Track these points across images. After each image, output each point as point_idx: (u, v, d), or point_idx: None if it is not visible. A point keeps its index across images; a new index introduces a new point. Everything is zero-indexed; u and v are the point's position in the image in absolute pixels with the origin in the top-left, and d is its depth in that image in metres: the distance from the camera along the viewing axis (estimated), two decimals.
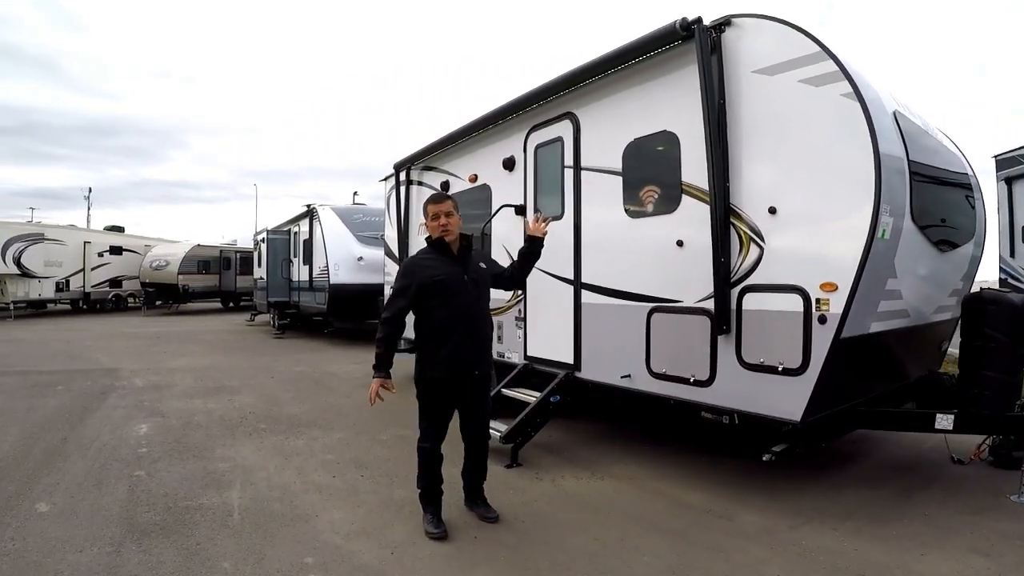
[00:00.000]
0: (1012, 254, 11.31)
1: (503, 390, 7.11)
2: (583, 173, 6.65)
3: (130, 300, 34.05)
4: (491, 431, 6.27)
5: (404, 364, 12.34)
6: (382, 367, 4.60)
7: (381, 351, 4.62)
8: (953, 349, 6.26)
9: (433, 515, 4.71)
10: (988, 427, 5.50)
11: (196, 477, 5.90)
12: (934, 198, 5.49)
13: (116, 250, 33.06)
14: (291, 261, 21.25)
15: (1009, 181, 11.50)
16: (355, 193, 20.96)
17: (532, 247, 5.05)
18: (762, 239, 4.86)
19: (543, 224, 5.12)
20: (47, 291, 28.85)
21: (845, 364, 4.77)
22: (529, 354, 7.50)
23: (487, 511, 4.95)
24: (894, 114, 4.90)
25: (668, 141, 5.65)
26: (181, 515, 4.98)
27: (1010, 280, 11.24)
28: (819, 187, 4.59)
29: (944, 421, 5.26)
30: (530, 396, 6.80)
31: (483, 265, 4.89)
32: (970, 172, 6.68)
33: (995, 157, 11.80)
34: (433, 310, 4.58)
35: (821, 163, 4.58)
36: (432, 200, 4.77)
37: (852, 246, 4.39)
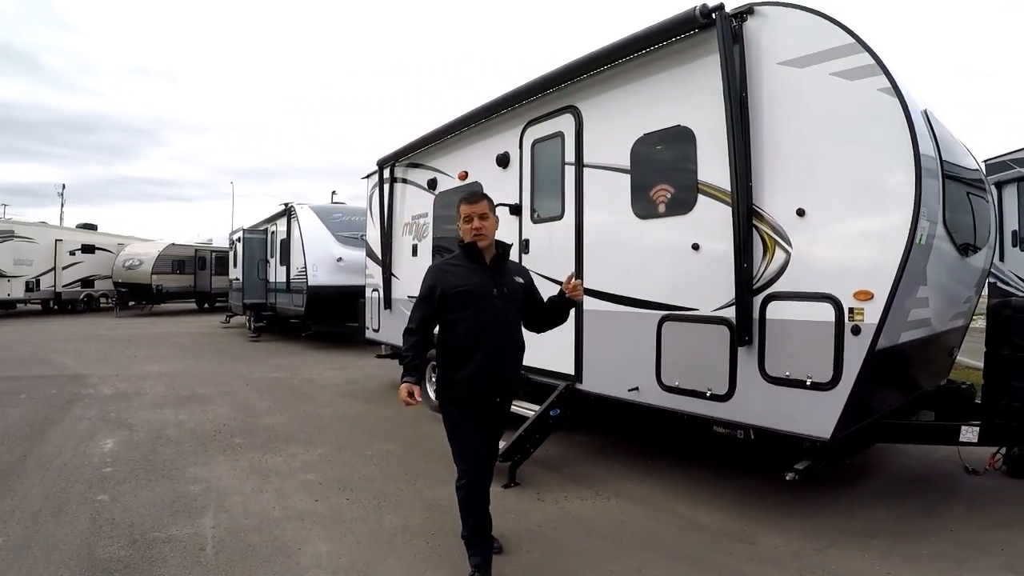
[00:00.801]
0: (1002, 258, 11.20)
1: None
2: (586, 170, 6.26)
3: (102, 300, 33.23)
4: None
5: (384, 370, 12.20)
6: (411, 372, 3.98)
7: (409, 357, 4.01)
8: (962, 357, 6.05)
9: (479, 567, 3.96)
10: (1016, 438, 5.26)
11: (165, 502, 5.40)
12: (959, 201, 5.24)
13: (88, 248, 32.30)
14: (268, 261, 20.74)
15: (999, 185, 11.43)
16: (333, 192, 20.75)
17: (563, 307, 4.32)
18: (788, 243, 4.53)
19: (579, 286, 4.17)
20: (16, 291, 28.14)
21: (876, 377, 4.49)
22: (525, 364, 7.05)
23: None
24: (924, 112, 4.61)
25: (683, 137, 5.28)
26: (148, 549, 4.50)
27: (999, 284, 11.11)
28: (853, 188, 4.27)
29: (969, 433, 5.04)
30: (527, 409, 6.46)
31: (519, 279, 4.24)
32: (983, 173, 6.45)
33: (985, 162, 11.69)
34: (455, 324, 3.98)
35: (856, 162, 4.26)
36: (465, 200, 4.16)
37: (890, 252, 4.08)
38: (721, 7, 4.75)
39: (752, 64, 4.72)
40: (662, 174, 5.55)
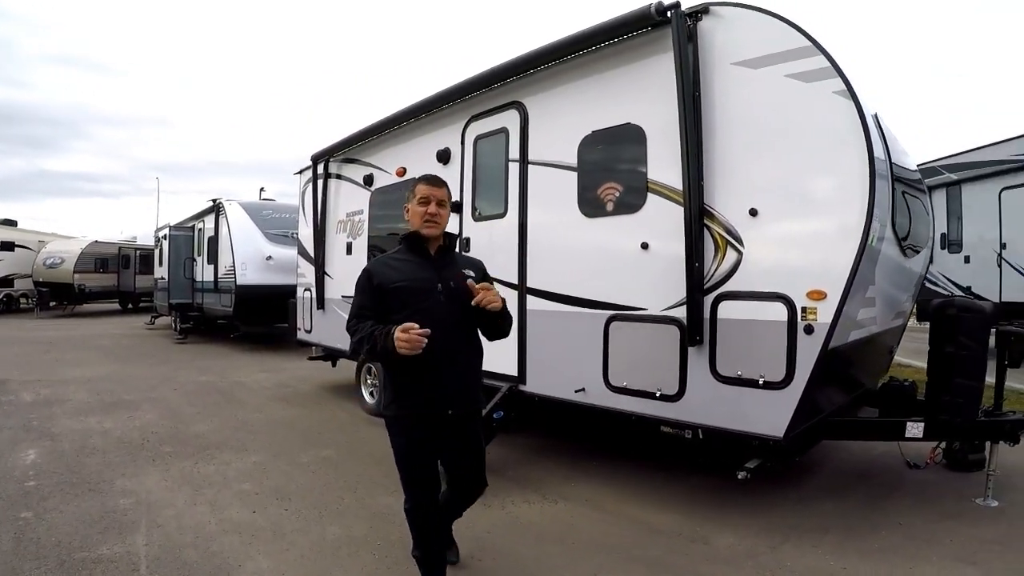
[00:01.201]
0: (931, 260, 11.57)
1: None
2: (531, 168, 6.15)
3: (22, 301, 31.84)
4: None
5: (317, 372, 11.97)
6: (376, 338, 3.22)
7: (361, 335, 3.32)
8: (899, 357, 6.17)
9: None
10: (960, 434, 5.40)
11: (93, 518, 5.06)
12: (902, 202, 5.31)
13: (7, 246, 31.02)
14: (195, 260, 20.06)
15: (928, 190, 11.80)
16: (262, 189, 20.25)
17: (483, 319, 3.53)
18: (740, 243, 4.52)
19: (487, 294, 3.35)
20: None
21: (827, 376, 4.52)
22: None
23: (448, 552, 4.07)
24: (875, 116, 4.67)
25: (633, 135, 5.23)
26: (77, 571, 4.17)
27: (926, 285, 11.45)
28: (807, 188, 4.30)
29: (914, 429, 5.12)
30: None
31: (469, 273, 3.55)
32: (920, 175, 6.59)
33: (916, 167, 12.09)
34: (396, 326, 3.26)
35: (809, 163, 4.29)
36: (427, 180, 3.63)
37: (844, 252, 4.11)
38: (677, 5, 4.71)
39: (706, 64, 4.69)
40: (610, 172, 5.49)
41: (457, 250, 4.00)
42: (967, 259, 13.55)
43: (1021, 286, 12.22)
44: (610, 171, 5.50)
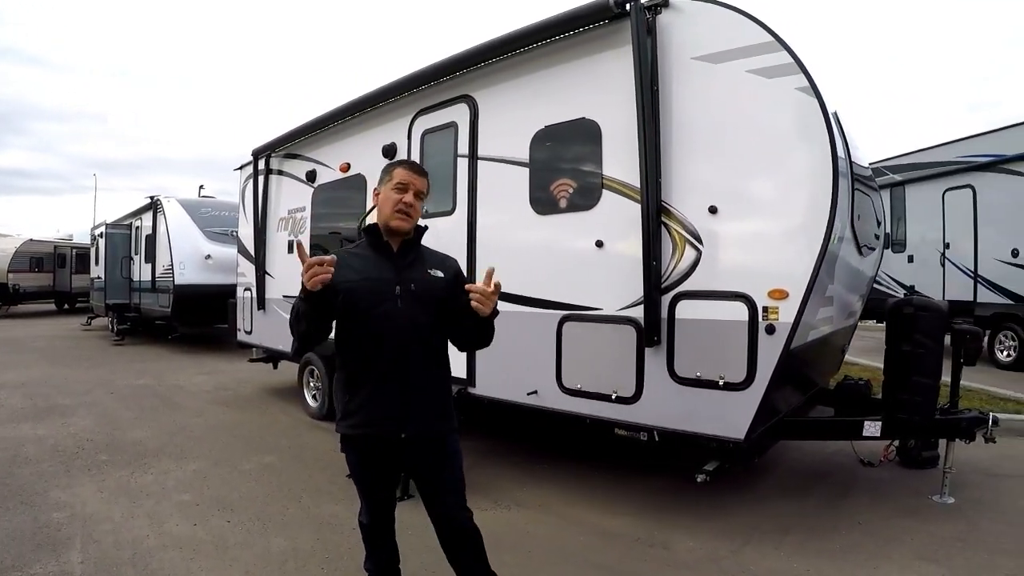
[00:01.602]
0: (881, 259, 11.83)
1: None
2: (480, 163, 5.98)
3: None
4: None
5: (258, 375, 11.66)
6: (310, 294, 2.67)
7: (299, 313, 2.79)
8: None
9: None
10: (917, 431, 5.44)
11: (26, 534, 4.74)
12: (859, 201, 5.29)
13: None
14: (132, 259, 19.41)
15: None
16: (201, 186, 19.63)
17: (473, 321, 2.94)
18: (699, 241, 4.42)
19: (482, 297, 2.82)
20: None
21: (788, 376, 4.46)
22: None
23: None
24: (835, 113, 4.62)
25: (588, 130, 5.10)
26: None
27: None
28: (769, 186, 4.25)
29: (872, 428, 5.14)
30: None
31: (438, 273, 3.11)
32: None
33: None
34: (348, 333, 3.00)
35: (771, 160, 4.24)
36: (408, 165, 3.16)
37: (806, 251, 4.07)
38: None
39: (665, 58, 4.59)
40: (564, 169, 5.36)
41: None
42: (910, 259, 13.87)
43: (963, 285, 12.50)
44: (564, 167, 5.36)
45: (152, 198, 17.23)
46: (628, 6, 4.61)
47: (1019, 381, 10.50)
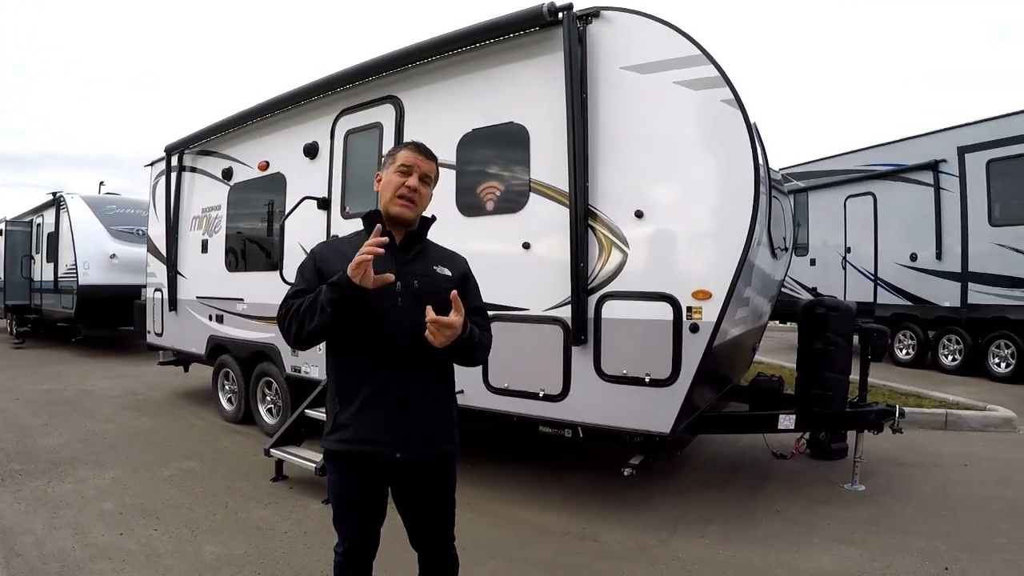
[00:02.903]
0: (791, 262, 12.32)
1: (308, 411, 6.27)
2: None
3: None
4: (310, 465, 5.57)
5: (167, 378, 11.36)
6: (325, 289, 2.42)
7: (305, 313, 2.47)
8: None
9: None
10: (830, 424, 5.74)
11: None
12: (773, 205, 5.54)
13: None
14: (33, 258, 18.61)
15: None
16: (101, 183, 18.89)
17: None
18: (626, 244, 4.58)
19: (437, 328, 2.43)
20: None
21: (709, 373, 4.64)
22: None
23: None
24: (754, 124, 4.83)
25: (516, 134, 5.20)
26: None
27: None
28: (693, 192, 4.44)
29: (787, 421, 5.43)
30: None
31: (444, 271, 2.76)
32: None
33: None
34: (343, 338, 2.61)
35: (697, 168, 4.44)
36: (414, 147, 2.78)
37: (729, 254, 4.27)
38: (570, 7, 4.72)
39: (594, 66, 4.73)
40: (491, 172, 5.44)
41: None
42: (813, 262, 14.58)
43: (864, 287, 13.23)
44: (491, 170, 5.45)
45: (55, 194, 16.55)
46: (561, 15, 4.73)
47: (917, 377, 11.17)
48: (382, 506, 2.78)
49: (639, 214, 4.52)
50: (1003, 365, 10.92)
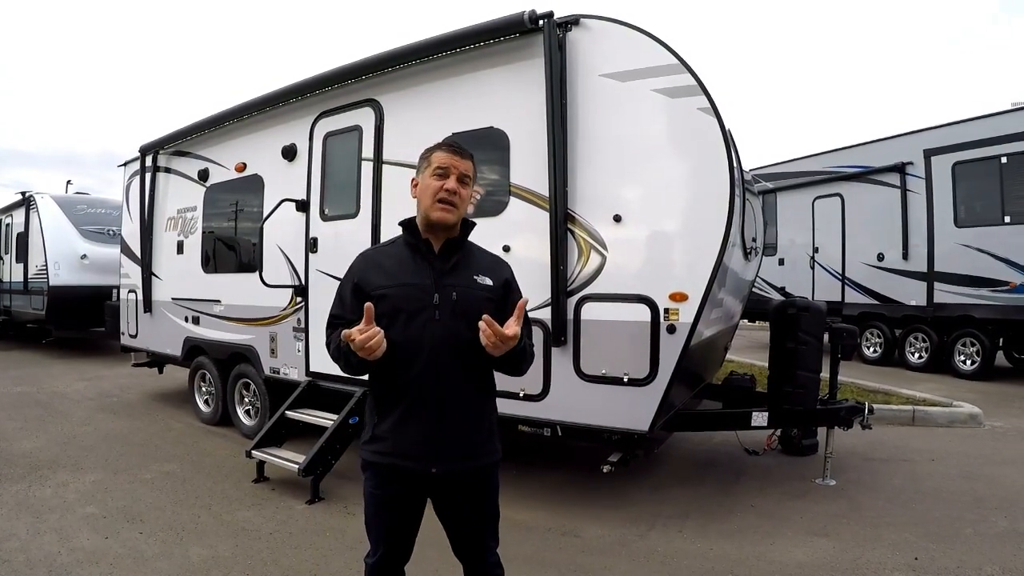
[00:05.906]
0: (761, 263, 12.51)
1: (288, 412, 6.33)
2: (385, 167, 6.01)
3: None
4: (292, 466, 5.61)
5: (141, 380, 11.28)
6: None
7: (337, 357, 2.55)
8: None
9: None
10: (801, 420, 5.94)
11: None
12: (745, 208, 5.66)
13: None
14: (1, 259, 18.28)
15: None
16: (69, 182, 18.67)
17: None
18: (604, 247, 4.69)
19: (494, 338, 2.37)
20: None
21: (685, 372, 4.75)
22: (312, 370, 6.64)
23: None
24: (729, 131, 4.96)
25: (496, 139, 5.27)
26: None
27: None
28: (670, 197, 4.57)
29: (759, 418, 5.56)
30: (323, 418, 6.10)
31: (485, 280, 2.65)
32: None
33: None
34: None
35: (673, 173, 4.56)
36: (449, 147, 2.66)
37: (705, 257, 4.39)
38: (550, 15, 4.81)
39: (574, 73, 4.83)
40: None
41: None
42: (781, 261, 14.81)
43: (832, 287, 13.52)
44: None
45: (24, 194, 16.36)
46: (542, 22, 4.82)
47: (885, 374, 11.45)
48: (417, 517, 2.73)
49: (617, 218, 4.63)
50: (968, 363, 11.22)
